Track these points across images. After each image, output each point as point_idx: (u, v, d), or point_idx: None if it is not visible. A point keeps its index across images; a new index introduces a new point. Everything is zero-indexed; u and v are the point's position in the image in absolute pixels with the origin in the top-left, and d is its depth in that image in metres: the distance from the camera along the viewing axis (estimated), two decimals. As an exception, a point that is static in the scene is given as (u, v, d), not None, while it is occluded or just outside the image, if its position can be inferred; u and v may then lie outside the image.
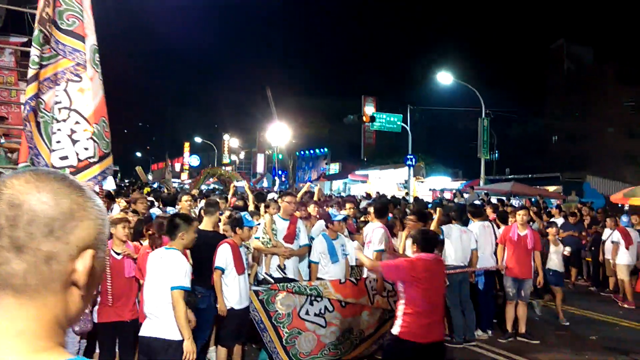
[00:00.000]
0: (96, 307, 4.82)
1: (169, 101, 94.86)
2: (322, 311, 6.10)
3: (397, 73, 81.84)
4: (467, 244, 7.41)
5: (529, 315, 7.81)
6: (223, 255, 5.37)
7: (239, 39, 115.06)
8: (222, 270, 5.34)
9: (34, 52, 4.38)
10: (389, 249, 6.47)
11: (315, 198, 8.77)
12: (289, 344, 5.96)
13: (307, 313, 6.01)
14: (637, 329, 8.45)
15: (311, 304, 6.03)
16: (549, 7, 69.89)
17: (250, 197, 7.98)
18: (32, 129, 4.47)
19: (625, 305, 9.97)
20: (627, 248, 10.24)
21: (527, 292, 7.59)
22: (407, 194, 23.77)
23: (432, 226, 6.76)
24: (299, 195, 8.93)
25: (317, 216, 7.62)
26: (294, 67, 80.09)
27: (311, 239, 6.82)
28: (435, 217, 7.04)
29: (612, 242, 10.46)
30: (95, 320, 4.79)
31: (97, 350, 4.99)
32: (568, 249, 9.00)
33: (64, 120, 4.52)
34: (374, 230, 6.52)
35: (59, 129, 4.55)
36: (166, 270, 4.17)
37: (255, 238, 6.39)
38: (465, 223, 7.85)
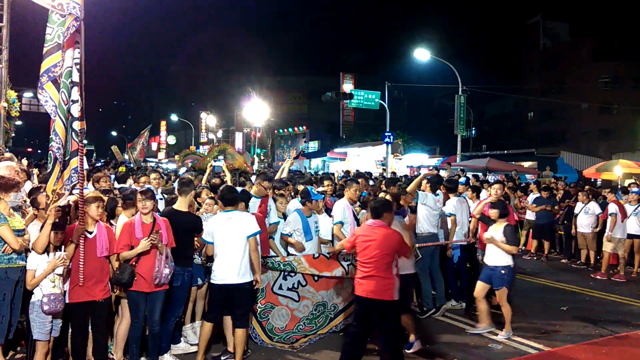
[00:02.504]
0: (67, 287, 4.75)
1: (145, 79, 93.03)
2: (295, 285, 6.22)
3: (376, 50, 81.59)
4: (466, 212, 7.91)
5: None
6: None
7: (216, 16, 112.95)
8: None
9: (47, 30, 4.65)
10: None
11: (278, 176, 8.78)
12: (263, 318, 6.06)
13: (280, 287, 6.14)
14: (606, 299, 8.70)
15: (284, 278, 6.15)
16: (526, -17, 69.91)
17: (228, 175, 7.93)
18: (57, 102, 4.58)
19: (598, 277, 10.24)
20: (622, 221, 10.40)
21: None
22: (384, 170, 23.88)
23: (409, 188, 7.22)
24: (278, 174, 8.92)
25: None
26: (272, 45, 79.08)
27: (285, 216, 6.88)
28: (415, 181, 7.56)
29: (611, 214, 10.45)
30: (67, 301, 4.73)
31: (70, 330, 4.94)
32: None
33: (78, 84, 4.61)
34: (336, 205, 7.08)
35: (75, 86, 4.65)
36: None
37: None
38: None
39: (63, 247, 4.69)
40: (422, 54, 24.11)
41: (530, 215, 12.75)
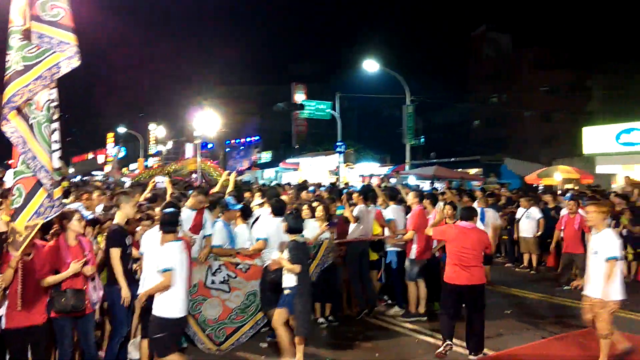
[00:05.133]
0: (3, 312, 4.56)
1: (90, 90, 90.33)
2: (226, 278, 6.53)
3: (326, 60, 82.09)
4: (370, 222, 8.16)
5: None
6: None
7: (165, 24, 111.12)
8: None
9: (7, 57, 4.38)
10: None
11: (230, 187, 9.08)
12: (195, 311, 6.25)
13: (212, 282, 6.42)
14: (549, 302, 9.08)
15: (214, 274, 6.44)
16: (470, -4, 72.41)
17: (169, 189, 7.97)
18: (23, 131, 4.35)
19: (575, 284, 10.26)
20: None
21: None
22: (337, 180, 24.08)
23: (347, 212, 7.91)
24: (218, 186, 9.15)
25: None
26: (223, 55, 78.50)
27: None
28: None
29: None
30: (4, 326, 4.53)
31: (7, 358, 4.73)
32: None
33: (58, 120, 4.61)
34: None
35: (55, 129, 4.61)
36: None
37: None
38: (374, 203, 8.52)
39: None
40: (371, 65, 24.53)
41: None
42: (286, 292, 5.88)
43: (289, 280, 5.84)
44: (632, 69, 37.18)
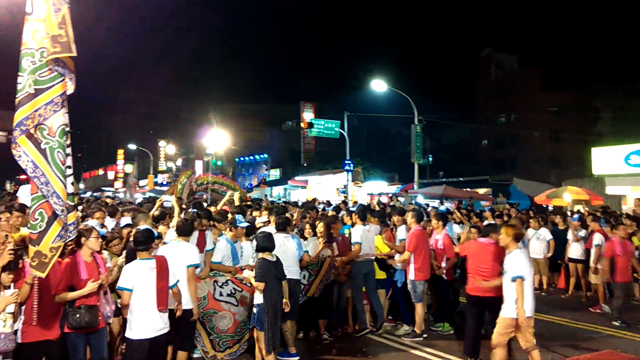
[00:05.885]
0: (20, 326, 4.62)
1: (102, 107, 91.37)
2: (232, 292, 6.72)
3: (335, 80, 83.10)
4: (371, 239, 8.27)
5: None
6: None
7: (176, 44, 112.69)
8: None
9: (19, 79, 4.37)
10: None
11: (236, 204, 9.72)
12: (205, 320, 6.48)
13: (221, 295, 6.60)
14: (558, 323, 9.00)
15: (221, 287, 6.64)
16: (478, 18, 73.04)
17: (176, 210, 8.19)
18: (33, 156, 4.37)
19: (598, 310, 9.80)
20: None
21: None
22: (345, 198, 24.11)
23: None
24: (220, 205, 9.50)
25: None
26: (232, 73, 79.35)
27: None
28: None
29: (595, 245, 10.00)
30: (20, 340, 4.59)
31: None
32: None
33: (70, 145, 4.62)
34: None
35: (68, 154, 4.62)
36: None
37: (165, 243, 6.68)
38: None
39: (12, 284, 4.57)
40: (379, 85, 24.73)
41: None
42: (254, 309, 6.00)
43: (257, 298, 5.96)
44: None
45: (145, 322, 4.95)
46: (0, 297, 4.43)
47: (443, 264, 8.21)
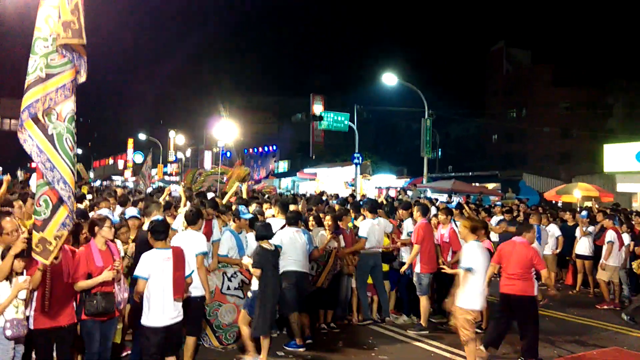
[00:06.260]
0: (32, 312, 4.70)
1: (112, 96, 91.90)
2: (240, 284, 6.82)
3: (345, 73, 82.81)
4: (380, 233, 8.39)
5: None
6: None
7: (187, 35, 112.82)
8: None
9: (30, 61, 4.29)
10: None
11: (244, 196, 9.90)
12: (211, 316, 6.61)
13: (228, 288, 6.72)
14: (565, 320, 9.00)
15: (230, 280, 6.74)
16: (490, 12, 72.45)
17: (183, 199, 8.44)
18: (39, 141, 4.31)
19: (605, 307, 9.86)
20: (619, 249, 10.01)
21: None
22: (354, 191, 24.12)
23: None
24: (227, 197, 9.53)
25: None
26: (242, 64, 79.34)
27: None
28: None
29: (607, 242, 10.02)
30: (31, 327, 4.67)
31: (34, 357, 4.87)
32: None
33: (76, 133, 4.53)
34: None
35: (76, 142, 4.52)
36: None
37: (172, 229, 6.76)
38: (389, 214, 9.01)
39: (25, 271, 4.64)
40: (389, 79, 24.64)
41: (493, 237, 13.07)
42: (249, 294, 6.28)
43: (254, 284, 6.22)
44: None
45: (161, 310, 5.03)
46: (13, 283, 4.51)
47: (449, 259, 8.23)
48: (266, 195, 14.53)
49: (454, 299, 6.19)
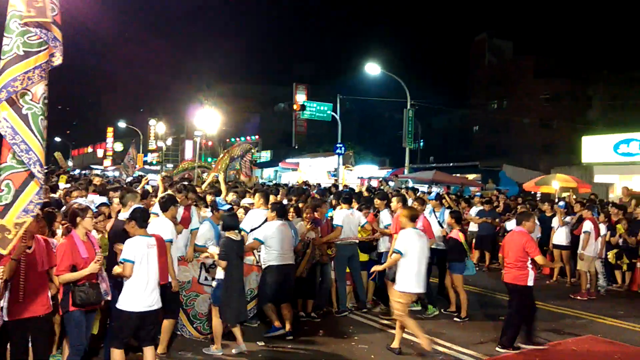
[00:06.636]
0: (4, 304, 4.61)
1: (92, 83, 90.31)
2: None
3: (328, 62, 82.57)
4: (355, 223, 8.44)
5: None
6: None
7: (168, 21, 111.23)
8: None
9: (5, 41, 4.16)
10: None
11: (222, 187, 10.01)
12: (188, 306, 6.65)
13: (205, 279, 6.72)
14: (542, 309, 9.12)
15: (207, 271, 6.75)
16: (474, 2, 72.74)
17: (161, 187, 8.51)
18: (13, 122, 4.16)
19: (578, 297, 9.93)
20: (595, 239, 10.15)
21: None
22: (336, 181, 24.15)
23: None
24: (204, 186, 9.72)
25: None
26: (224, 52, 78.57)
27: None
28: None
29: (584, 232, 10.13)
30: (6, 318, 4.59)
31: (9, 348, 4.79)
32: None
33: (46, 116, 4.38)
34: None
35: (45, 126, 4.36)
36: None
37: (153, 213, 6.77)
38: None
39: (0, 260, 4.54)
40: (372, 69, 24.64)
41: (473, 227, 13.24)
42: (214, 284, 6.31)
43: (218, 274, 6.24)
44: (632, 80, 37.32)
45: (140, 296, 5.05)
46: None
47: None
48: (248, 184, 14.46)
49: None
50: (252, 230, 7.27)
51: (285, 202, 9.44)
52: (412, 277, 6.41)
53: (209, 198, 8.34)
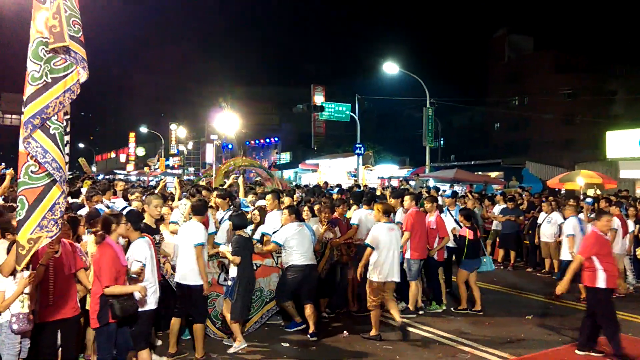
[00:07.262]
0: (37, 306, 4.71)
1: (113, 90, 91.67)
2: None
3: (346, 62, 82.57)
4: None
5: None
6: None
7: (187, 26, 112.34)
8: None
9: (33, 67, 4.23)
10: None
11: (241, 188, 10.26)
12: (209, 306, 6.67)
13: (225, 280, 6.75)
14: (568, 307, 8.99)
15: (227, 272, 6.75)
16: (492, -2, 71.89)
17: (177, 192, 8.65)
18: (46, 143, 4.23)
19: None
20: (623, 236, 9.91)
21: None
22: (356, 181, 24.10)
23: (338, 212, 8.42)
24: (225, 186, 9.87)
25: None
26: (242, 56, 79.00)
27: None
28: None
29: (612, 229, 9.55)
30: (37, 321, 4.69)
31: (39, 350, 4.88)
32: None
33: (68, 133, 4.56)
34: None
35: (68, 141, 4.58)
36: None
37: (173, 222, 6.97)
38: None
39: (30, 265, 4.63)
40: (391, 68, 24.54)
41: (496, 226, 13.08)
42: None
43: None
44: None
45: (152, 296, 5.25)
46: (18, 278, 4.52)
47: (435, 245, 8.40)
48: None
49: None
50: (274, 232, 7.31)
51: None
52: (385, 267, 6.85)
53: (219, 200, 8.34)
